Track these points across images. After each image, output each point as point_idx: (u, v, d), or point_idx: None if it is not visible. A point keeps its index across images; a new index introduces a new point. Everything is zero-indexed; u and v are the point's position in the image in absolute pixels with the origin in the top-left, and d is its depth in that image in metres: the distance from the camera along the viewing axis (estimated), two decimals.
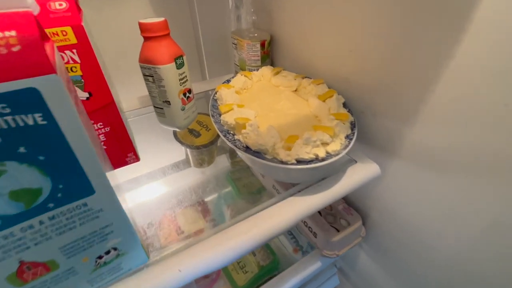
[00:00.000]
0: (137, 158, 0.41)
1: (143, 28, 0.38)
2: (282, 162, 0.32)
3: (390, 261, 0.51)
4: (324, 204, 0.34)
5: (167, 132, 0.59)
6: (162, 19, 0.39)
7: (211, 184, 0.75)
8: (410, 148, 0.37)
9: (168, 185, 0.72)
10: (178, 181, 0.73)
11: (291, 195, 0.35)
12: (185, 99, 0.45)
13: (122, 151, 0.39)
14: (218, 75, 0.67)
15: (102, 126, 0.35)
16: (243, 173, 0.77)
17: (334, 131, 0.33)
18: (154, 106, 0.46)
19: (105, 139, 0.36)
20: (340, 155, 0.31)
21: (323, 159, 0.31)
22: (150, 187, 0.71)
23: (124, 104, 0.59)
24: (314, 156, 0.31)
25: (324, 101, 0.41)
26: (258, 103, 0.43)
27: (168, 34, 0.40)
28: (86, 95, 0.32)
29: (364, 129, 0.42)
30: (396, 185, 0.42)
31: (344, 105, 0.41)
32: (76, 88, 0.31)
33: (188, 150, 0.65)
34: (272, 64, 0.59)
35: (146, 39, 0.39)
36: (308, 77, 0.48)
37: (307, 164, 0.31)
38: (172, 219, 0.66)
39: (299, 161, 0.32)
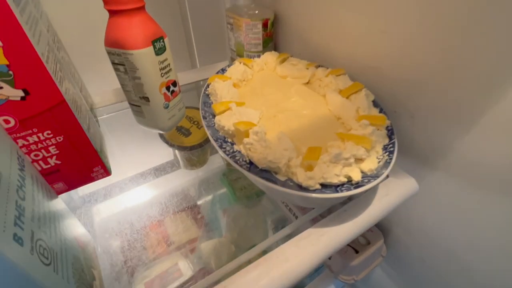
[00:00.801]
0: (106, 172, 0.32)
1: None
2: (301, 187, 0.23)
3: (410, 281, 0.44)
4: (354, 236, 0.26)
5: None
6: None
7: (203, 186, 0.67)
8: (459, 160, 0.29)
9: (155, 189, 0.63)
10: (166, 185, 0.64)
11: (310, 223, 0.27)
12: (168, 94, 0.35)
13: (84, 165, 0.30)
14: (211, 62, 0.57)
15: (50, 136, 0.25)
16: (239, 174, 0.68)
17: (372, 141, 0.24)
18: (130, 103, 0.36)
19: (57, 151, 0.27)
20: (381, 178, 0.23)
21: (358, 185, 0.22)
22: (135, 191, 0.62)
23: (96, 98, 0.49)
24: (346, 179, 0.23)
25: (347, 97, 0.32)
26: (263, 100, 0.34)
27: (142, 8, 0.30)
28: (20, 93, 0.22)
29: (397, 133, 0.33)
30: (432, 202, 0.34)
31: (373, 103, 0.32)
32: (3, 85, 0.21)
33: (176, 151, 0.56)
34: (276, 49, 0.49)
35: (112, 13, 0.29)
36: (323, 66, 0.39)
37: (336, 191, 0.22)
38: (160, 228, 0.58)
39: (324, 186, 0.23)
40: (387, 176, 0.32)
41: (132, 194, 0.61)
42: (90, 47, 0.48)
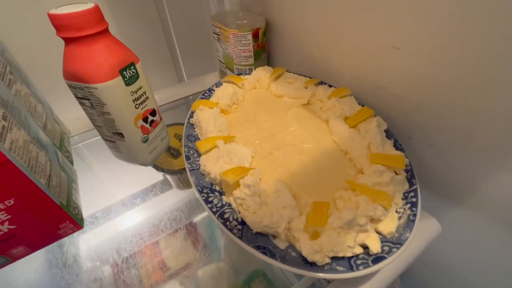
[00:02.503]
0: (76, 226, 0.28)
1: (56, 23, 0.23)
2: (305, 261, 0.18)
3: None
4: None
5: None
6: (89, 5, 0.23)
7: (198, 204, 0.63)
8: (491, 199, 0.24)
9: (147, 211, 0.59)
10: (158, 206, 0.60)
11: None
12: (146, 125, 0.30)
13: (47, 224, 0.25)
14: (200, 74, 0.52)
15: None
16: None
17: (392, 198, 0.20)
18: (103, 139, 0.32)
19: (9, 216, 0.22)
20: (406, 245, 0.18)
21: (377, 256, 0.18)
22: (125, 216, 0.57)
23: (73, 124, 0.44)
24: (362, 250, 0.18)
25: (354, 127, 0.27)
26: (256, 130, 0.29)
27: (104, 31, 0.25)
28: None
29: (412, 163, 0.29)
30: (454, 240, 0.30)
31: (385, 131, 0.27)
32: None
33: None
34: (271, 60, 0.44)
35: (68, 41, 0.24)
36: (324, 82, 0.34)
37: (351, 267, 0.18)
38: (155, 252, 0.54)
39: (335, 258, 0.18)
40: None
41: (123, 219, 0.57)
42: (60, 68, 0.43)
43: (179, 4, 0.47)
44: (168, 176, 0.55)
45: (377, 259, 0.18)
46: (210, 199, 0.23)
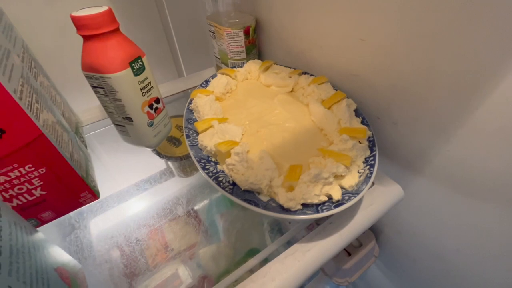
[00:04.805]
0: (94, 196, 0.32)
1: (77, 23, 0.27)
2: (282, 208, 0.23)
3: (405, 279, 0.45)
4: (340, 249, 0.26)
5: None
6: (104, 8, 0.28)
7: (199, 191, 0.68)
8: (444, 166, 0.29)
9: (151, 198, 0.64)
10: (161, 193, 0.65)
11: (294, 238, 0.27)
12: (152, 111, 0.35)
13: (71, 192, 0.30)
14: (198, 69, 0.56)
15: (32, 169, 0.25)
16: None
17: (351, 158, 0.24)
18: (114, 123, 0.36)
19: (41, 183, 0.27)
20: (361, 195, 0.23)
21: (338, 203, 0.23)
22: (131, 202, 0.62)
23: (83, 116, 0.49)
24: (327, 198, 0.23)
25: (329, 108, 0.32)
26: (246, 114, 0.34)
27: (116, 30, 0.29)
28: None
29: (381, 138, 0.33)
30: (418, 206, 0.34)
31: (356, 111, 0.32)
32: None
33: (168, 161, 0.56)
34: (261, 55, 0.49)
35: (87, 38, 0.29)
36: (306, 73, 0.38)
37: (317, 211, 0.22)
38: (159, 235, 0.58)
39: (306, 205, 0.23)
40: (373, 184, 0.32)
41: (129, 205, 0.61)
42: (72, 65, 0.48)
43: (178, 6, 0.51)
44: (170, 163, 0.60)
45: (338, 205, 0.22)
46: (207, 167, 0.28)
